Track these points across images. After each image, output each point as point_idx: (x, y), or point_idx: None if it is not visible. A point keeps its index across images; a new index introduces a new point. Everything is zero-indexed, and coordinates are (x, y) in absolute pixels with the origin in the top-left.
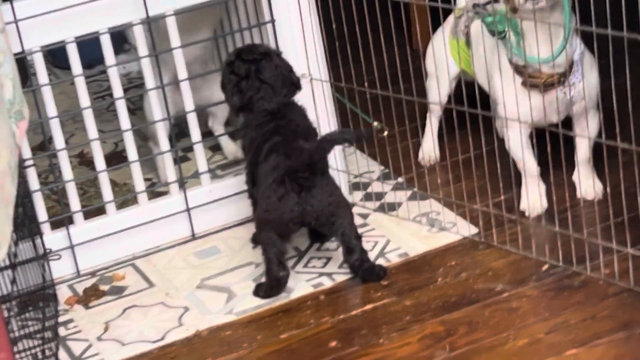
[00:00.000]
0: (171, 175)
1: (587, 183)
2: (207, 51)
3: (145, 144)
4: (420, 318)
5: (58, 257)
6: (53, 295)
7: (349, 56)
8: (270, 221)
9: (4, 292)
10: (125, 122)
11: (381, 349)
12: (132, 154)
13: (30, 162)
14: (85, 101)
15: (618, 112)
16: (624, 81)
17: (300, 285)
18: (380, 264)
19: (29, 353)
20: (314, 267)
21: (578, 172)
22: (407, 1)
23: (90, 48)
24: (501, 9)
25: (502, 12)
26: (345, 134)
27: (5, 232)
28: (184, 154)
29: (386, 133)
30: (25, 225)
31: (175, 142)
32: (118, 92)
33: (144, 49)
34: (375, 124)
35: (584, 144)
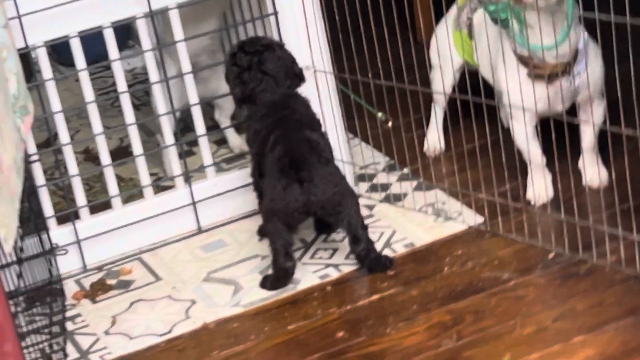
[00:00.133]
0: (176, 169)
1: (593, 171)
2: (214, 41)
3: (150, 139)
4: (427, 307)
5: (65, 252)
6: (60, 290)
7: (352, 50)
8: (276, 211)
9: (11, 287)
10: (130, 116)
11: (388, 338)
12: (137, 148)
13: (35, 158)
14: (89, 96)
15: (622, 99)
16: (628, 69)
17: (307, 277)
18: (386, 254)
19: (36, 348)
20: (320, 258)
21: (583, 160)
22: None
23: (94, 45)
24: None
25: (505, 0)
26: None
27: (12, 225)
28: (189, 148)
29: (390, 124)
30: (31, 221)
31: (180, 136)
32: (122, 87)
33: (147, 43)
34: (380, 114)
35: (589, 132)
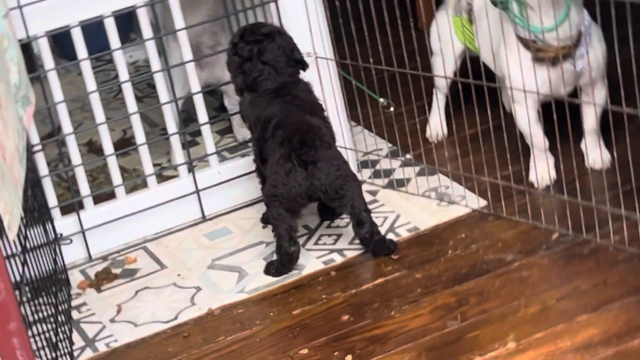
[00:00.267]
0: (180, 157)
1: (595, 153)
2: (210, 24)
3: (153, 130)
4: (432, 290)
5: (69, 241)
6: (65, 280)
7: (354, 37)
8: (279, 196)
9: (16, 275)
10: (133, 105)
11: (393, 321)
12: (140, 137)
13: (38, 148)
14: (91, 85)
15: (623, 80)
16: (628, 50)
17: (311, 262)
18: (390, 238)
19: (43, 337)
20: (324, 244)
21: (585, 143)
22: None
23: (97, 38)
24: None
25: None
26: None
27: (15, 213)
28: (192, 138)
29: (392, 109)
30: (36, 210)
31: (183, 126)
32: (124, 76)
33: (148, 31)
34: (382, 100)
35: (591, 114)
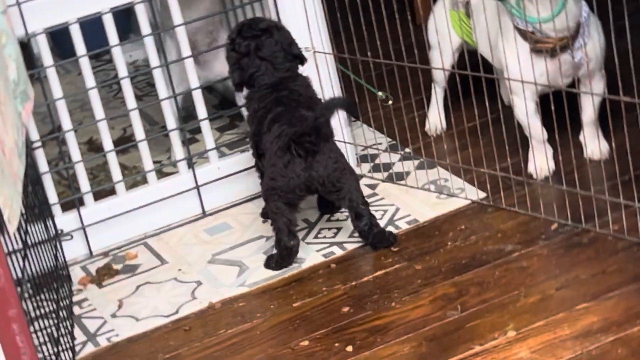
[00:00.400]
0: (179, 153)
1: (594, 143)
2: (210, 20)
3: (153, 128)
4: (432, 281)
5: (70, 237)
6: (67, 277)
7: (352, 33)
8: (278, 189)
9: (17, 270)
10: (132, 102)
11: (394, 312)
12: (139, 134)
13: (38, 144)
14: (90, 82)
15: (620, 70)
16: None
17: (311, 256)
18: (390, 230)
19: (44, 332)
20: (324, 237)
21: (584, 134)
22: None
23: (96, 38)
24: None
25: None
26: (346, 99)
27: (15, 207)
28: (192, 135)
29: (391, 102)
30: (36, 207)
31: (182, 123)
32: (123, 72)
33: (146, 27)
34: (380, 93)
35: (589, 105)
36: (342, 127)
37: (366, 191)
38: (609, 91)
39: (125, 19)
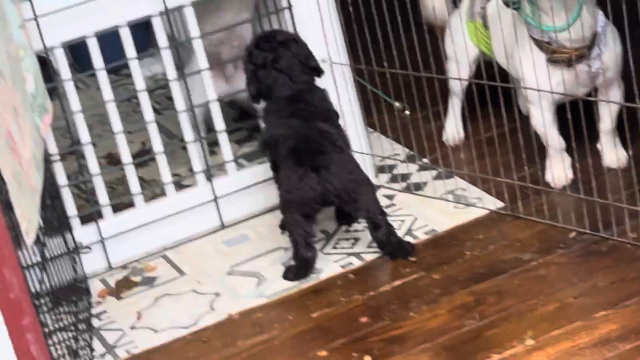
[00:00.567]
0: (197, 166)
1: (612, 152)
2: (232, 34)
3: (171, 141)
4: (450, 290)
5: (89, 250)
6: (86, 289)
7: (368, 44)
8: (293, 202)
9: (35, 283)
10: (150, 115)
11: (412, 321)
12: (157, 146)
13: (57, 158)
14: (108, 95)
15: (636, 78)
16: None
17: (329, 266)
18: (408, 240)
19: (63, 345)
20: (342, 248)
21: (602, 142)
22: None
23: (115, 54)
24: None
25: None
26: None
27: (33, 219)
28: (210, 149)
29: (408, 112)
30: (55, 220)
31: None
32: (141, 85)
33: (163, 40)
34: (397, 104)
35: (607, 113)
36: (360, 138)
37: (384, 201)
38: (626, 99)
39: (144, 33)
